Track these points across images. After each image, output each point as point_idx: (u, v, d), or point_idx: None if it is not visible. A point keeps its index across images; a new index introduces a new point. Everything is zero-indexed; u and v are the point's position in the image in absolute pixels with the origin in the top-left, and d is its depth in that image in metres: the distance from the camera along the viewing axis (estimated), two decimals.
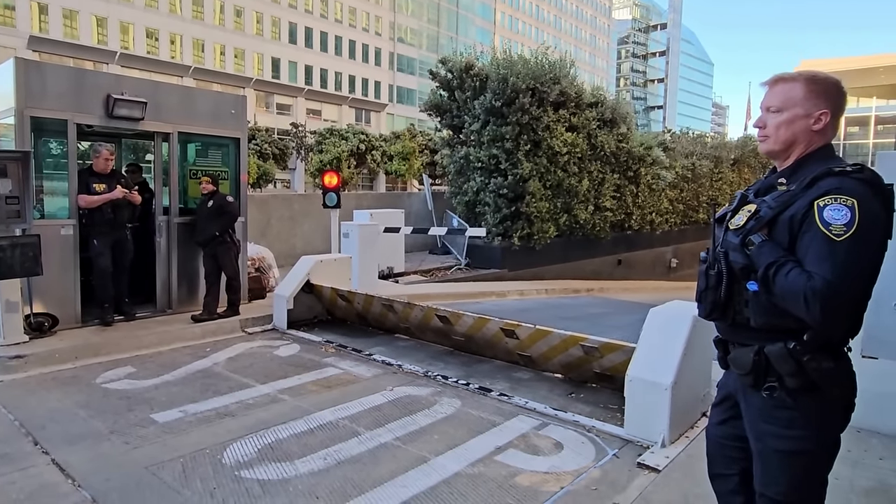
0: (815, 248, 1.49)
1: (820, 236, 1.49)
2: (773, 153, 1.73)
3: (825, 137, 1.67)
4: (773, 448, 1.64)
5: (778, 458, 1.64)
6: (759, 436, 1.68)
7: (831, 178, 1.55)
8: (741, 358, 1.68)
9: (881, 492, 2.87)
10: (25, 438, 3.43)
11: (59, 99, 5.37)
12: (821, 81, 1.66)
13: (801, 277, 1.48)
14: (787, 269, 1.52)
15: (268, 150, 31.14)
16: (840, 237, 1.46)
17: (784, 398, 1.60)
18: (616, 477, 3.06)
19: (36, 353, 4.80)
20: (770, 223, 1.60)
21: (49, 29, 35.37)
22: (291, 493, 2.87)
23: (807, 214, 1.53)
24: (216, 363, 5.00)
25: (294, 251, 9.84)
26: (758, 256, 1.58)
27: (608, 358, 4.09)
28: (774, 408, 1.63)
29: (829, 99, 1.65)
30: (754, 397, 1.68)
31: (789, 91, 1.67)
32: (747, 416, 1.73)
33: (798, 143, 1.67)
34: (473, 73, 12.99)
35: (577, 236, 14.24)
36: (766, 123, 1.72)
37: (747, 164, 21.94)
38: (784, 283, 1.51)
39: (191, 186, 6.64)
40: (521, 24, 71.84)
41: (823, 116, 1.64)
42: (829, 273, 1.45)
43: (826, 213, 1.49)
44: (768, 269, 1.55)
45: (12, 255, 4.72)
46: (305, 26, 48.73)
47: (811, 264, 1.49)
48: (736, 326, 1.70)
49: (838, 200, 1.49)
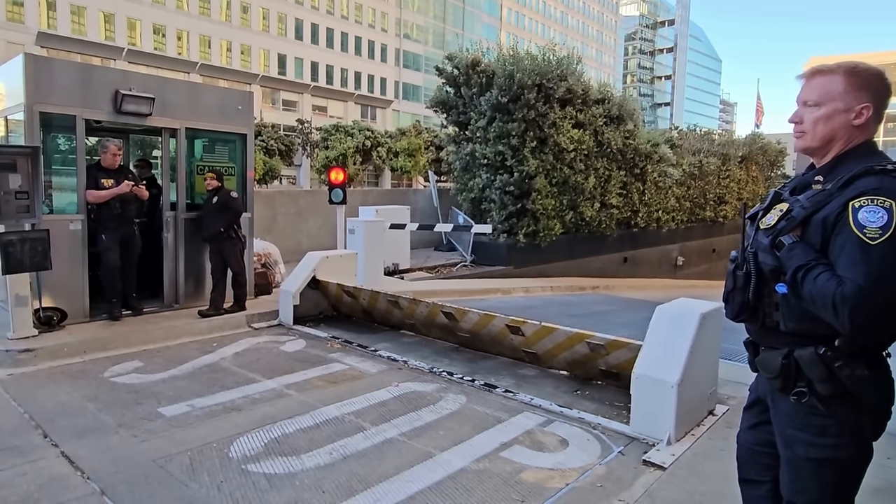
0: (848, 251, 1.42)
1: (853, 239, 1.41)
2: (811, 150, 1.64)
3: (867, 133, 1.58)
4: (805, 456, 1.58)
5: (809, 466, 1.58)
6: (789, 443, 1.62)
7: (871, 177, 1.46)
8: (769, 361, 1.62)
9: (889, 491, 2.85)
10: (35, 431, 3.46)
11: (67, 95, 5.40)
12: (862, 73, 1.57)
13: (832, 282, 1.41)
14: (817, 272, 1.45)
15: (274, 146, 31.17)
16: (875, 241, 1.38)
17: (816, 405, 1.54)
18: (621, 474, 3.05)
19: (45, 347, 4.85)
20: (803, 224, 1.53)
21: (57, 25, 35.53)
22: (298, 487, 2.88)
23: (841, 215, 1.45)
24: (223, 358, 5.02)
25: (300, 247, 9.87)
26: (788, 258, 1.52)
27: (614, 355, 4.09)
28: (806, 415, 1.56)
29: (871, 91, 1.56)
30: (783, 402, 1.62)
31: (828, 84, 1.58)
32: (776, 421, 1.67)
33: (837, 139, 1.58)
34: (480, 70, 12.96)
35: (583, 233, 14.21)
36: (802, 118, 1.63)
37: (755, 161, 21.81)
38: (813, 287, 1.44)
39: (198, 182, 6.66)
40: (528, 21, 71.52)
41: (865, 111, 1.55)
42: (861, 278, 1.38)
43: (861, 215, 1.42)
44: (797, 272, 1.48)
45: (22, 249, 4.76)
46: (311, 22, 48.74)
47: (843, 268, 1.42)
48: (766, 329, 1.63)
49: (875, 202, 1.41)
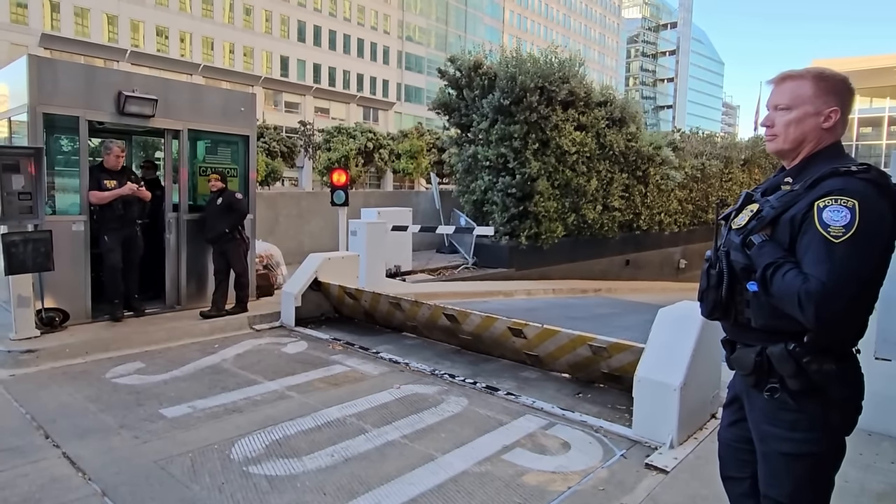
0: (813, 249, 1.47)
1: (818, 238, 1.47)
2: (782, 152, 1.70)
3: (835, 135, 1.65)
4: (778, 450, 1.63)
5: (783, 461, 1.63)
6: (763, 437, 1.67)
7: (836, 178, 1.52)
8: (743, 358, 1.67)
9: (894, 496, 2.84)
10: (37, 432, 3.46)
11: (71, 96, 5.41)
12: (829, 78, 1.63)
13: (798, 279, 1.46)
14: (785, 270, 1.50)
15: (276, 147, 31.23)
16: (838, 239, 1.44)
17: (787, 400, 1.59)
18: (624, 477, 3.04)
19: (47, 348, 4.85)
20: (772, 223, 1.58)
21: (60, 27, 35.68)
22: (299, 489, 2.88)
23: (807, 215, 1.51)
24: (224, 359, 5.02)
25: (302, 249, 9.87)
26: (758, 257, 1.57)
27: (616, 358, 4.08)
28: (778, 410, 1.61)
29: (839, 96, 1.62)
30: (757, 398, 1.67)
31: (798, 88, 1.64)
32: (751, 417, 1.73)
33: (807, 141, 1.65)
34: (482, 72, 12.97)
35: (585, 236, 14.19)
36: (774, 122, 1.69)
37: (758, 164, 21.77)
38: (781, 284, 1.49)
39: (200, 183, 6.67)
40: (530, 23, 71.61)
41: (833, 114, 1.61)
42: (825, 275, 1.43)
43: (825, 215, 1.47)
44: (766, 270, 1.53)
45: (24, 250, 4.77)
46: (314, 24, 48.85)
47: (808, 266, 1.47)
48: (739, 327, 1.69)
49: (839, 202, 1.46)
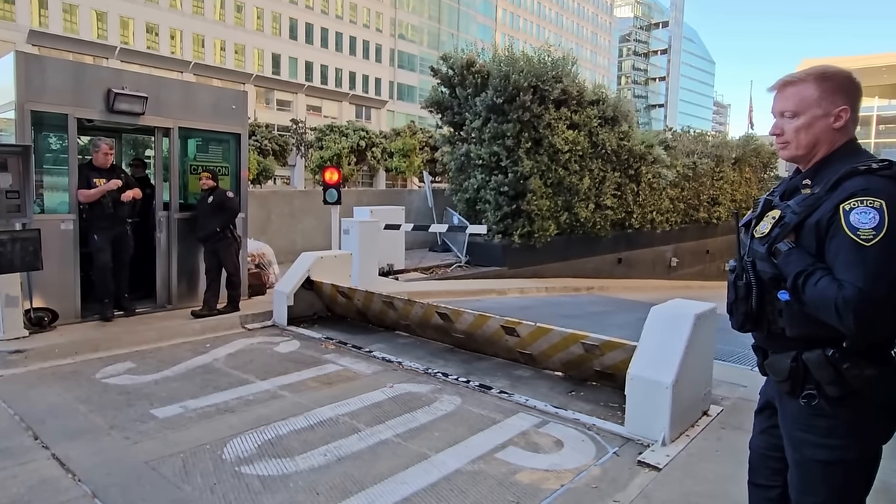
0: (844, 254, 1.43)
1: (848, 242, 1.42)
2: (797, 158, 1.66)
3: (847, 134, 1.60)
4: (812, 458, 1.58)
5: (817, 468, 1.58)
6: (796, 445, 1.62)
7: (857, 177, 1.47)
8: (778, 364, 1.62)
9: (882, 491, 2.86)
10: (26, 433, 3.42)
11: (59, 93, 5.35)
12: (833, 77, 1.59)
13: (832, 286, 1.41)
14: (817, 277, 1.45)
15: (268, 146, 31.10)
16: (869, 242, 1.39)
17: (823, 406, 1.54)
18: (616, 475, 3.05)
19: (36, 348, 4.80)
20: (796, 229, 1.54)
21: (49, 23, 35.27)
22: (292, 488, 2.86)
23: (833, 219, 1.46)
24: (216, 359, 4.99)
25: (294, 247, 9.84)
26: (786, 265, 1.52)
27: (609, 356, 4.09)
28: (813, 416, 1.56)
29: (846, 94, 1.58)
30: (791, 404, 1.62)
31: (801, 92, 1.60)
32: (783, 424, 1.68)
33: (821, 144, 1.60)
34: (475, 70, 12.95)
35: (578, 234, 14.23)
36: (783, 129, 1.64)
37: (748, 163, 21.91)
38: (814, 292, 1.45)
39: (191, 182, 6.62)
40: (523, 21, 71.66)
41: (843, 113, 1.57)
42: (861, 280, 1.38)
43: (853, 217, 1.42)
44: (797, 279, 1.48)
45: (12, 249, 4.71)
46: (306, 22, 48.62)
47: (841, 272, 1.43)
48: (772, 336, 1.63)
49: (865, 203, 1.42)
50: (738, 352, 5.36)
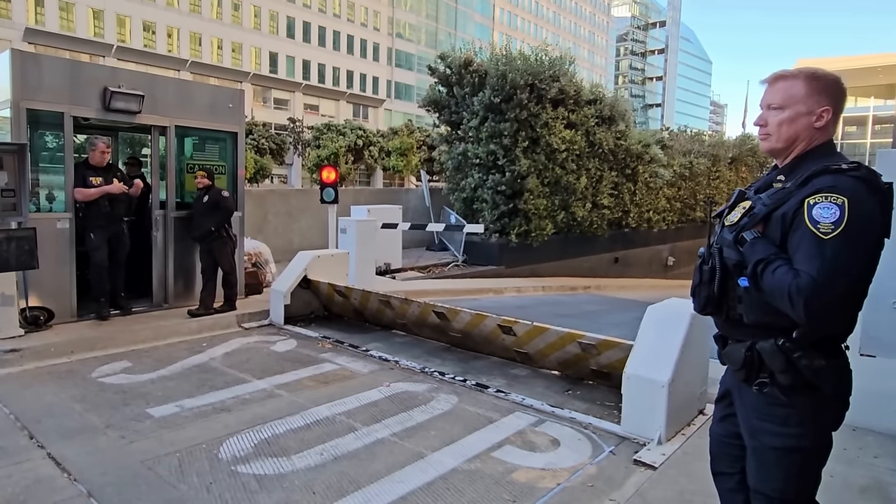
0: (804, 246, 1.50)
1: (808, 234, 1.49)
2: (775, 151, 1.73)
3: (826, 134, 1.67)
4: (768, 445, 1.66)
5: (773, 455, 1.66)
6: (754, 433, 1.70)
7: (826, 175, 1.54)
8: (734, 353, 1.70)
9: (876, 489, 2.88)
10: (21, 432, 3.41)
11: (55, 91, 5.33)
12: (821, 78, 1.66)
13: (788, 275, 1.49)
14: (775, 265, 1.52)
15: (265, 144, 31.03)
16: (828, 235, 1.46)
17: (778, 395, 1.61)
18: (612, 474, 3.06)
19: (31, 347, 4.78)
20: (764, 220, 1.61)
21: (45, 21, 35.11)
22: (288, 488, 2.86)
23: (797, 212, 1.54)
24: (212, 358, 4.98)
25: (291, 246, 9.82)
26: (749, 253, 1.59)
27: (605, 355, 4.10)
28: (769, 405, 1.64)
29: (831, 95, 1.65)
30: (748, 393, 1.70)
31: (790, 88, 1.67)
32: (741, 412, 1.75)
33: (800, 140, 1.67)
34: (472, 70, 12.96)
35: (575, 234, 14.26)
36: (767, 121, 1.71)
37: (745, 162, 21.99)
38: (771, 279, 1.52)
39: (188, 181, 6.61)
40: (520, 21, 71.63)
41: (825, 113, 1.64)
42: (815, 271, 1.45)
43: (815, 212, 1.49)
44: (757, 266, 1.56)
45: (8, 248, 4.70)
46: (303, 21, 48.51)
47: (799, 262, 1.50)
48: (730, 322, 1.71)
49: (828, 199, 1.49)
50: None
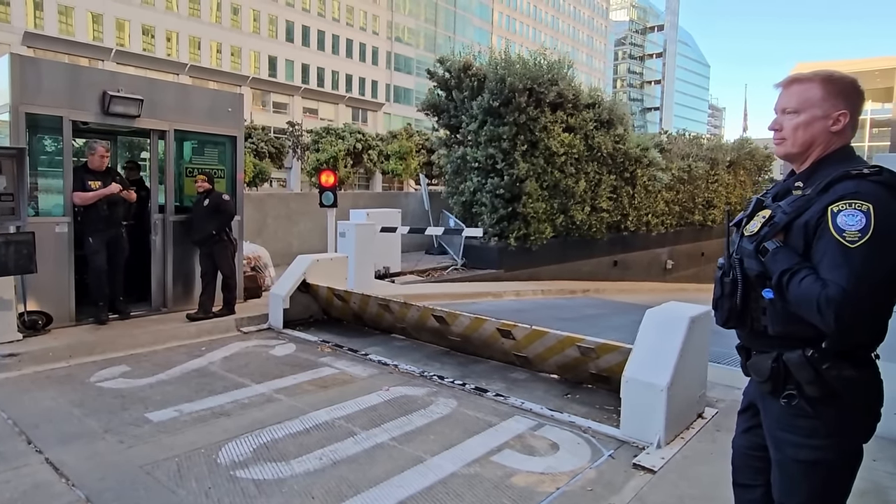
0: (830, 255, 1.46)
1: (834, 243, 1.45)
2: (791, 156, 1.68)
3: (844, 138, 1.63)
4: (793, 458, 1.61)
5: (799, 468, 1.60)
6: (779, 445, 1.65)
7: (848, 181, 1.50)
8: (760, 364, 1.65)
9: (874, 493, 2.88)
10: (19, 437, 3.40)
11: (54, 95, 5.34)
12: (838, 81, 1.62)
13: (816, 285, 1.44)
14: (802, 276, 1.48)
15: (264, 148, 31.06)
16: (854, 244, 1.42)
17: (804, 407, 1.56)
18: (612, 478, 3.06)
19: (30, 352, 4.77)
20: (785, 229, 1.57)
21: (44, 25, 35.16)
22: (287, 493, 2.86)
23: (821, 220, 1.49)
24: (211, 362, 4.98)
25: (290, 250, 9.82)
26: (772, 263, 1.55)
27: (604, 359, 4.10)
28: (794, 416, 1.59)
29: (848, 99, 1.61)
30: (773, 405, 1.65)
31: (806, 92, 1.62)
32: (766, 424, 1.70)
33: (816, 144, 1.63)
34: (471, 73, 12.99)
35: (574, 237, 14.26)
36: (782, 126, 1.67)
37: (743, 166, 22.04)
38: (798, 290, 1.48)
39: (187, 184, 6.61)
40: (519, 25, 71.87)
41: (842, 117, 1.60)
42: (844, 280, 1.41)
43: (840, 219, 1.45)
44: (782, 277, 1.51)
45: (6, 252, 4.69)
46: (303, 25, 48.62)
47: (826, 272, 1.45)
48: (755, 334, 1.67)
49: (853, 206, 1.45)
50: (733, 354, 5.35)
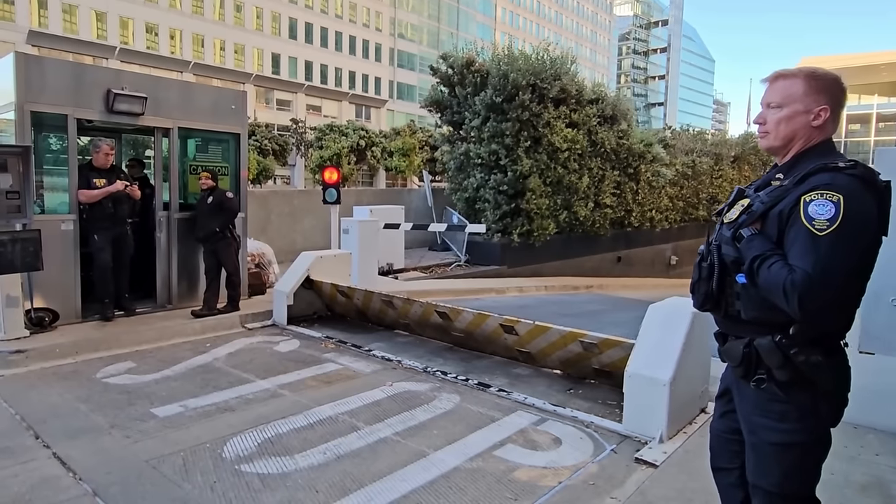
0: (799, 242, 1.52)
1: (804, 231, 1.51)
2: (773, 149, 1.75)
3: (825, 133, 1.69)
4: (767, 441, 1.68)
5: (771, 451, 1.67)
6: (753, 428, 1.71)
7: (824, 173, 1.56)
8: (732, 350, 1.72)
9: (877, 487, 2.88)
10: (27, 432, 3.44)
11: (59, 94, 5.36)
12: (821, 77, 1.67)
13: (783, 270, 1.51)
14: (771, 262, 1.54)
15: (268, 145, 31.09)
16: (823, 232, 1.48)
17: (776, 391, 1.63)
18: (614, 472, 3.07)
19: (37, 348, 4.82)
20: (762, 217, 1.63)
21: (48, 24, 35.27)
22: (291, 487, 2.88)
23: (794, 209, 1.56)
24: (216, 358, 5.01)
25: (294, 247, 9.85)
26: (746, 249, 1.61)
27: (607, 354, 4.11)
28: (767, 401, 1.66)
29: (829, 94, 1.66)
30: (746, 389, 1.72)
31: (789, 87, 1.69)
32: (740, 408, 1.77)
33: (797, 138, 1.69)
34: (474, 70, 12.96)
35: (577, 233, 14.24)
36: (766, 119, 1.74)
37: (748, 161, 21.91)
38: (767, 275, 1.54)
39: (191, 182, 6.64)
40: (522, 20, 71.61)
41: (823, 112, 1.65)
42: (810, 267, 1.47)
43: (811, 208, 1.51)
44: (753, 262, 1.58)
45: (13, 249, 4.73)
46: (306, 22, 48.60)
47: (794, 258, 1.52)
48: (729, 319, 1.73)
49: (824, 195, 1.51)
50: None
